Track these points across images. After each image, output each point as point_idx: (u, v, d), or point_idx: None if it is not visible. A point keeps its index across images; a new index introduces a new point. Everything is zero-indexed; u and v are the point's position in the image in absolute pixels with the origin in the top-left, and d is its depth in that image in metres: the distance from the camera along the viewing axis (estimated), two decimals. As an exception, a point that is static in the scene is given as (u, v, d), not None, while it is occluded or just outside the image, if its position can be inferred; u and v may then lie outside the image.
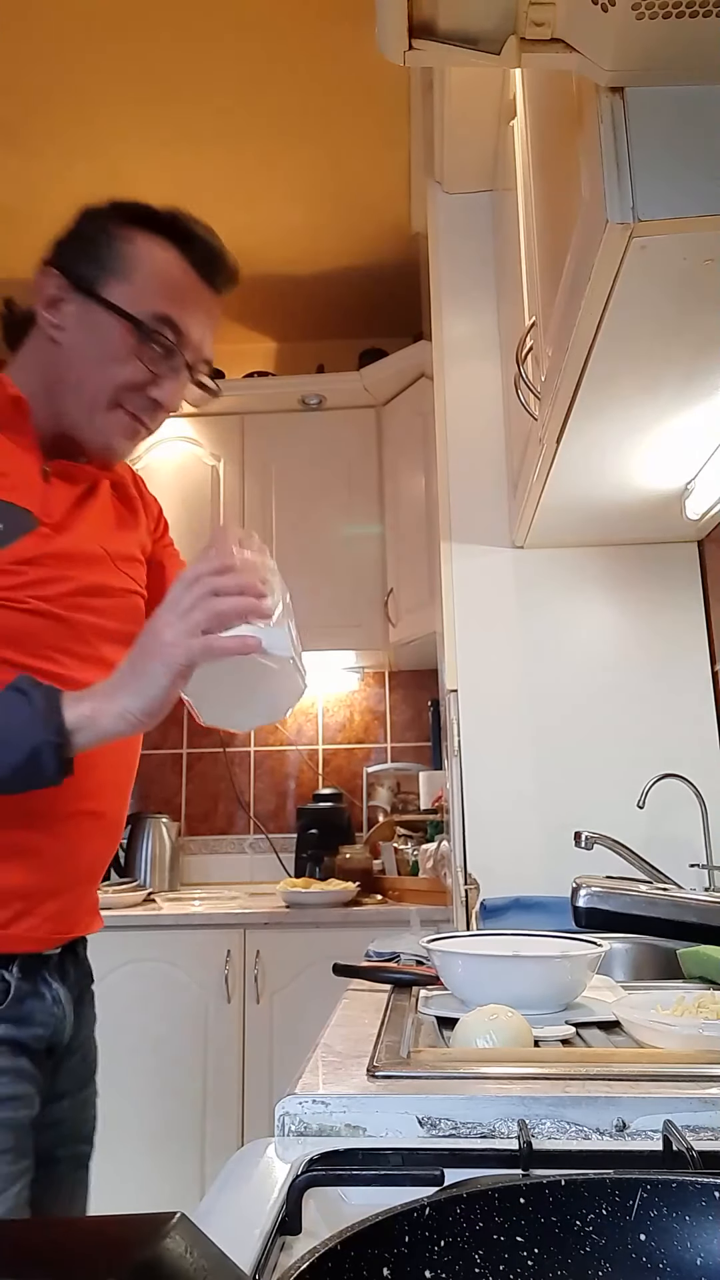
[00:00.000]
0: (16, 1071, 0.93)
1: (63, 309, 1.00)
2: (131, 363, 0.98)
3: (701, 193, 0.82)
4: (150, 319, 0.97)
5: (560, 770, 1.82)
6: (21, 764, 0.81)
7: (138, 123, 2.46)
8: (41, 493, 0.99)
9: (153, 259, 0.99)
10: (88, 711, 0.83)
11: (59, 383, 1.00)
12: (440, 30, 0.78)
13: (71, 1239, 0.39)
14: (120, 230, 1.00)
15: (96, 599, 1.02)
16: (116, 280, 0.98)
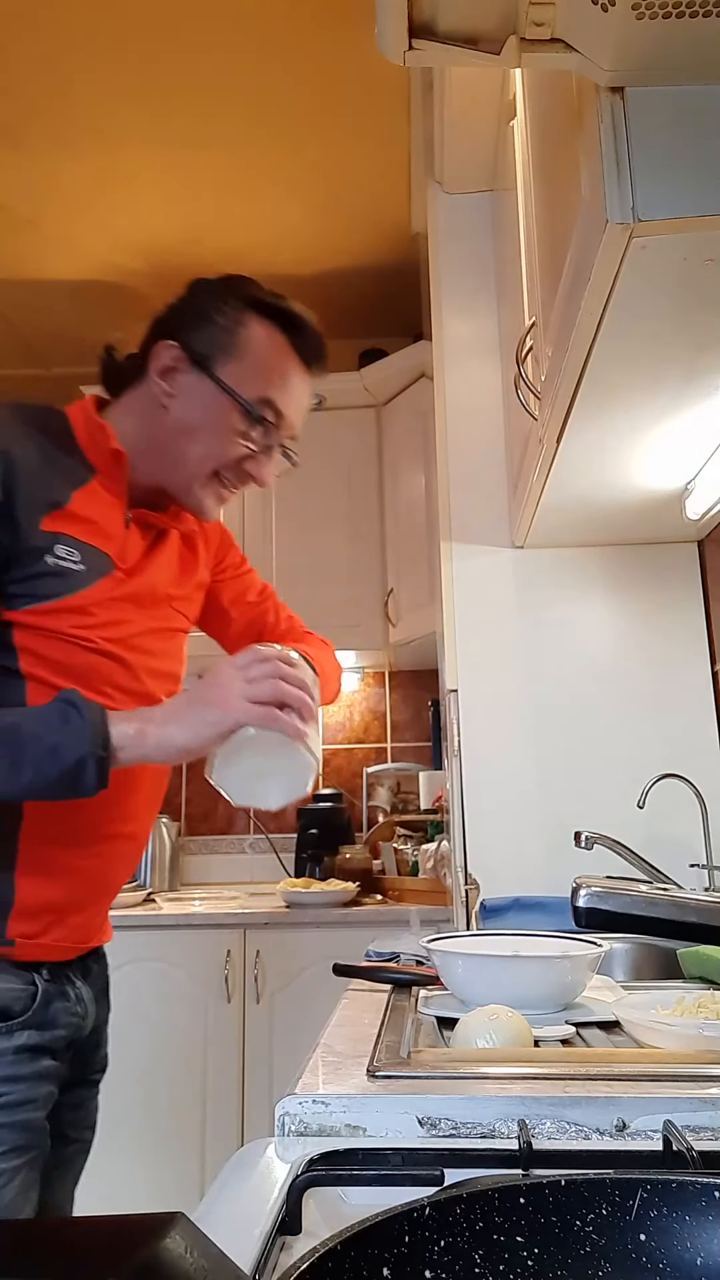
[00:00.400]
0: (37, 1075, 0.98)
1: (176, 379, 1.06)
2: (234, 440, 1.05)
3: (701, 193, 0.82)
4: (256, 402, 1.05)
5: (560, 770, 1.81)
6: (65, 773, 0.85)
7: (138, 123, 2.46)
8: (121, 539, 1.06)
9: (263, 345, 1.06)
10: (133, 731, 0.88)
11: (162, 446, 1.07)
12: (440, 30, 0.78)
13: (71, 1239, 0.39)
14: (237, 313, 1.06)
15: (153, 640, 1.09)
16: (230, 360, 1.05)
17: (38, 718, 0.88)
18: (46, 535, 0.97)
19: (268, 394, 1.05)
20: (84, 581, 0.99)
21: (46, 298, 3.21)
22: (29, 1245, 0.37)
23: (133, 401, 1.09)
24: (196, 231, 2.90)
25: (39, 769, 0.85)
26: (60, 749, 0.85)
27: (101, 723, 0.87)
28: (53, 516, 0.98)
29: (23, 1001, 0.98)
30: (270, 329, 1.07)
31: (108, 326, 3.40)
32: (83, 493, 1.02)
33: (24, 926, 0.98)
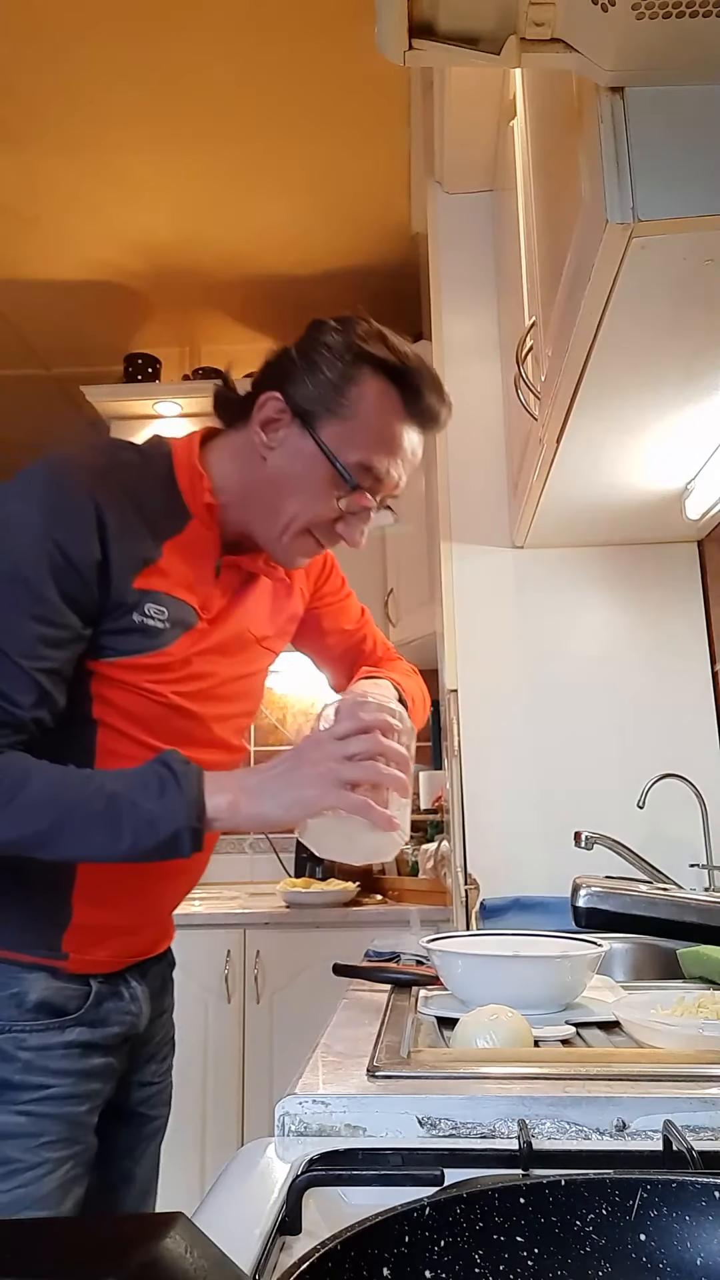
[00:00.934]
0: (85, 1073, 1.00)
1: (277, 433, 1.01)
2: (327, 502, 1.01)
3: (701, 193, 0.82)
4: (356, 468, 0.99)
5: (560, 770, 1.81)
6: (161, 844, 0.87)
7: (138, 123, 2.46)
8: (209, 588, 1.04)
9: (374, 408, 0.99)
10: (227, 804, 0.88)
11: (257, 497, 1.03)
12: (440, 30, 0.78)
13: (71, 1239, 0.39)
14: (352, 370, 0.99)
15: (228, 687, 1.08)
16: (335, 420, 0.99)
17: (137, 784, 0.88)
18: (138, 593, 0.96)
19: (370, 460, 0.99)
20: (168, 639, 0.99)
21: (46, 298, 3.21)
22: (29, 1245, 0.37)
23: (236, 444, 1.05)
24: (196, 231, 2.90)
25: (137, 838, 0.86)
26: (157, 822, 0.86)
27: (198, 794, 0.87)
28: (145, 574, 0.97)
29: (76, 1001, 1.00)
30: (384, 388, 0.99)
31: (108, 326, 3.41)
32: (175, 543, 1.00)
33: (78, 943, 1.00)
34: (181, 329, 3.50)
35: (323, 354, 1.00)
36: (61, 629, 0.92)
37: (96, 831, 0.86)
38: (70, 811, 0.86)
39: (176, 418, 3.27)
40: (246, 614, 1.09)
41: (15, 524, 0.91)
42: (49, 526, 0.91)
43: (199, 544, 1.02)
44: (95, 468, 0.97)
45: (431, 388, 1.01)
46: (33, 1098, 0.95)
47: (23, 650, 0.89)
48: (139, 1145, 1.14)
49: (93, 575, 0.92)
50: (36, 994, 0.97)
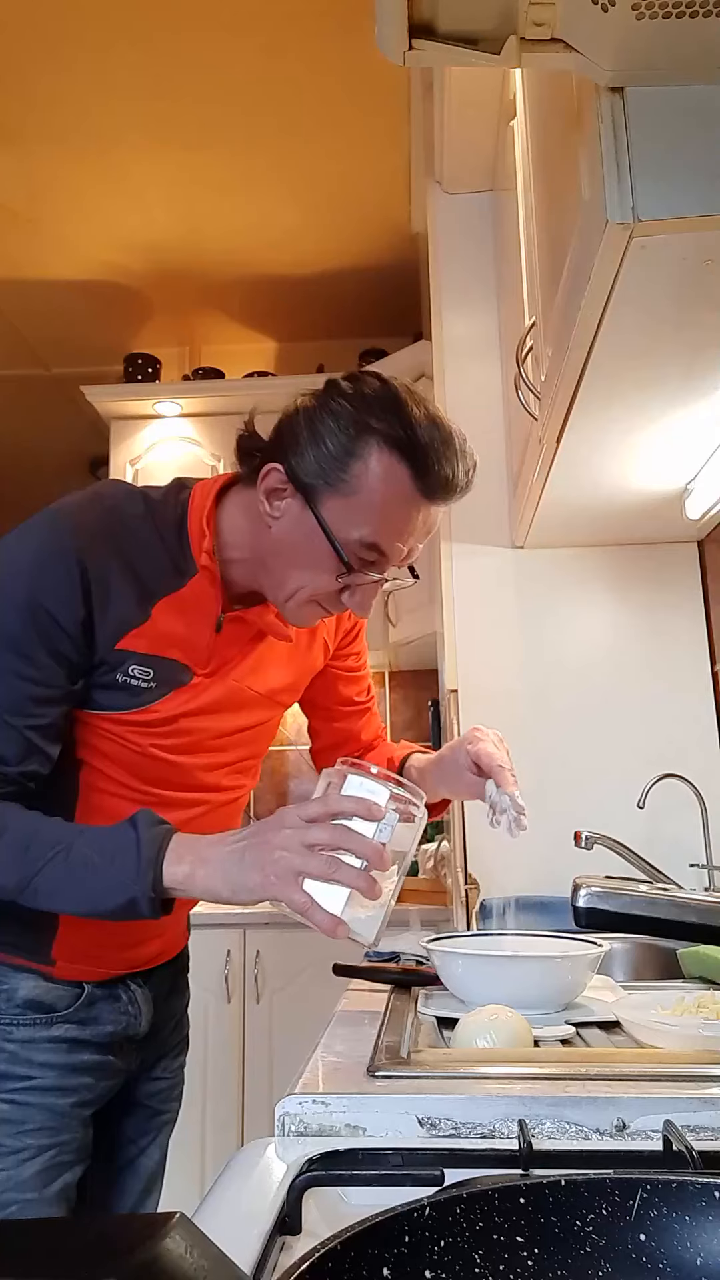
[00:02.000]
0: (72, 1067, 1.01)
1: (281, 503, 0.97)
2: (329, 576, 0.96)
3: (701, 193, 0.82)
4: (357, 545, 0.94)
5: (560, 770, 1.81)
6: (119, 908, 0.86)
7: (138, 123, 2.46)
8: (208, 645, 1.01)
9: (378, 484, 0.93)
10: (182, 875, 0.85)
11: (263, 561, 1.00)
12: (440, 30, 0.78)
13: (71, 1239, 0.39)
14: (356, 445, 0.93)
15: (221, 740, 1.06)
16: (337, 496, 0.94)
17: (100, 847, 0.87)
18: (119, 654, 0.95)
19: (373, 538, 0.94)
20: (153, 698, 0.98)
21: (46, 298, 3.21)
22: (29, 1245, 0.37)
23: (249, 501, 1.01)
24: (196, 231, 2.91)
25: (95, 902, 0.87)
26: (113, 889, 0.85)
27: (155, 862, 0.85)
28: (129, 637, 0.96)
29: (65, 1000, 1.02)
30: (393, 464, 0.92)
31: (108, 326, 3.41)
32: (172, 600, 0.98)
33: (66, 953, 1.01)
34: (181, 329, 3.50)
35: (327, 423, 0.94)
36: (50, 687, 0.92)
37: (62, 890, 0.87)
38: (36, 870, 0.86)
39: (176, 418, 3.27)
40: (253, 669, 1.07)
41: (4, 586, 0.92)
42: (35, 589, 0.91)
43: (200, 599, 1.00)
44: (88, 526, 0.95)
45: (447, 457, 0.94)
46: (16, 1087, 0.98)
47: (11, 708, 0.90)
48: (145, 1135, 1.17)
49: (78, 633, 0.93)
50: (25, 992, 1.00)
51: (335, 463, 0.93)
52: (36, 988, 1.00)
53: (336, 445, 0.93)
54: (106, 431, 3.32)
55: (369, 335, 3.38)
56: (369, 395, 0.94)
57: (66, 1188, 1.00)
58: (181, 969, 1.23)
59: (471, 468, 0.97)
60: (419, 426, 0.93)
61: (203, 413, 3.25)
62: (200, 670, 1.01)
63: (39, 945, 1.00)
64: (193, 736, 1.03)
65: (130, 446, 3.27)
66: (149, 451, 3.24)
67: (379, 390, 0.95)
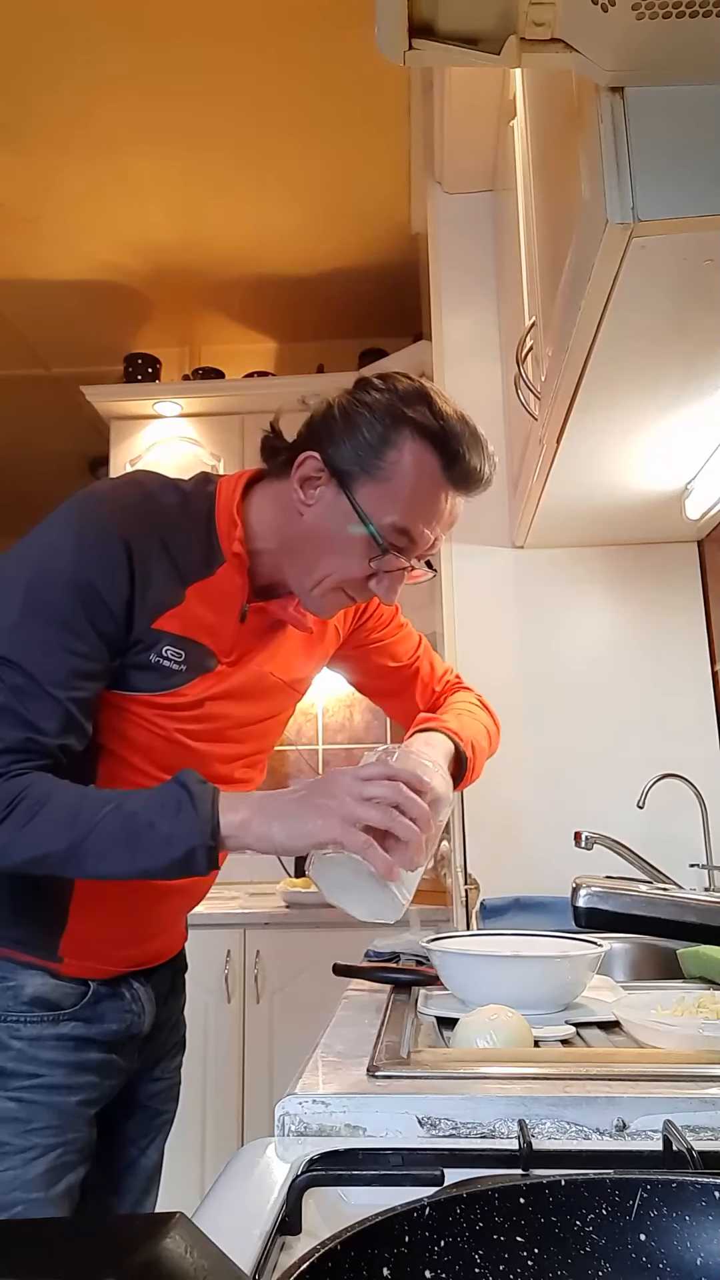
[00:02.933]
0: (78, 1065, 1.02)
1: (314, 490, 1.01)
2: (360, 562, 1.00)
3: (701, 193, 0.82)
4: (390, 530, 0.99)
5: (560, 770, 1.81)
6: (176, 860, 0.88)
7: (138, 123, 2.46)
8: (233, 633, 1.04)
9: (411, 470, 0.98)
10: (239, 821, 0.88)
11: (292, 549, 1.04)
12: (440, 30, 0.78)
13: (71, 1239, 0.39)
14: (390, 433, 0.98)
15: (242, 730, 1.09)
16: (371, 482, 0.98)
17: (155, 804, 0.89)
18: (155, 633, 0.98)
19: (404, 523, 0.98)
20: (182, 680, 1.00)
21: (46, 298, 3.21)
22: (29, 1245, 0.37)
23: (278, 493, 1.05)
24: (196, 231, 2.91)
25: (153, 855, 0.88)
26: (173, 839, 0.87)
27: (212, 812, 0.88)
28: (165, 617, 0.99)
29: (71, 998, 1.03)
30: (424, 453, 0.98)
31: (108, 326, 3.41)
32: (201, 587, 1.01)
33: (74, 949, 1.02)
34: (181, 329, 3.50)
35: (363, 414, 0.99)
36: (93, 661, 0.95)
37: (114, 850, 0.88)
38: (88, 831, 0.88)
39: (176, 418, 3.27)
40: (272, 658, 1.10)
41: (51, 561, 0.95)
42: (81, 563, 0.94)
43: (227, 588, 1.03)
44: (129, 507, 0.99)
45: (474, 450, 0.99)
46: (23, 1085, 0.99)
47: (55, 680, 0.92)
48: (145, 1135, 1.18)
49: (122, 612, 0.95)
50: (32, 989, 1.00)
51: (371, 450, 0.98)
52: (43, 985, 1.01)
53: (372, 434, 0.98)
54: (106, 431, 3.32)
55: (369, 335, 3.38)
56: (401, 390, 1.00)
57: (71, 1188, 1.00)
58: (181, 969, 1.24)
59: (494, 464, 1.02)
60: (450, 419, 0.98)
61: (203, 413, 3.25)
62: (224, 659, 1.04)
63: (47, 941, 1.01)
64: (217, 723, 1.05)
65: (130, 446, 3.27)
66: (149, 451, 3.24)
67: (410, 385, 1.01)
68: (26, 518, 1.02)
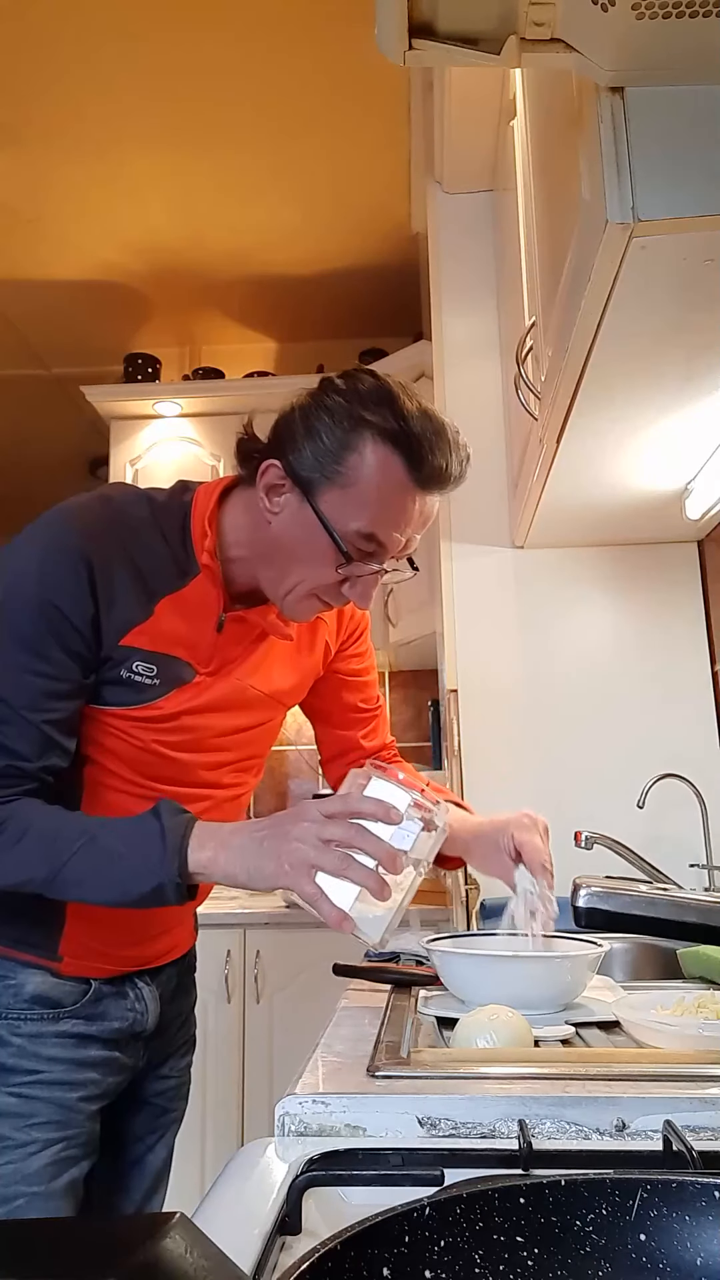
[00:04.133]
0: (79, 1062, 1.03)
1: (279, 499, 0.99)
2: (329, 569, 0.98)
3: (701, 193, 0.83)
4: (355, 536, 0.97)
5: (560, 770, 1.81)
6: (147, 895, 0.89)
7: (138, 123, 2.46)
8: (210, 644, 1.03)
9: (374, 475, 0.95)
10: (207, 859, 0.88)
11: (264, 558, 1.02)
12: (440, 30, 0.78)
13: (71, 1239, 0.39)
14: (351, 436, 0.95)
15: (223, 739, 1.07)
16: (334, 489, 0.96)
17: (126, 836, 0.90)
18: (124, 650, 0.98)
19: (370, 529, 0.96)
20: (156, 694, 1.00)
21: (46, 298, 3.21)
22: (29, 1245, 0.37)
23: (249, 500, 1.03)
24: (196, 232, 2.90)
25: (124, 889, 0.89)
26: (141, 875, 0.88)
27: (180, 848, 0.88)
28: (133, 633, 0.98)
29: (72, 996, 1.03)
30: (387, 456, 0.95)
31: (108, 326, 3.41)
32: (175, 599, 1.00)
33: (73, 949, 1.03)
34: (181, 329, 3.50)
35: (323, 419, 0.96)
36: (64, 681, 0.95)
37: (88, 882, 0.90)
38: (64, 862, 0.89)
39: (176, 418, 3.27)
40: (254, 669, 1.08)
41: (14, 586, 0.95)
42: (44, 587, 0.94)
43: (202, 599, 1.02)
44: (93, 524, 0.98)
45: (440, 448, 0.96)
46: (24, 1081, 0.99)
47: (28, 704, 0.93)
48: (153, 1133, 1.18)
49: (89, 630, 0.95)
50: (33, 987, 1.01)
51: (331, 456, 0.96)
52: (44, 983, 1.01)
53: (332, 439, 0.96)
54: (106, 431, 3.31)
55: (369, 335, 3.37)
56: (362, 390, 0.97)
57: (74, 1182, 1.01)
58: (189, 968, 1.24)
59: (465, 459, 1.00)
60: (411, 419, 0.95)
61: (203, 413, 3.25)
62: (203, 669, 1.03)
63: (46, 941, 1.01)
64: (195, 734, 1.04)
65: (130, 446, 3.27)
66: (149, 451, 3.24)
67: (372, 385, 0.97)
68: (26, 518, 1.01)
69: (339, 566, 0.98)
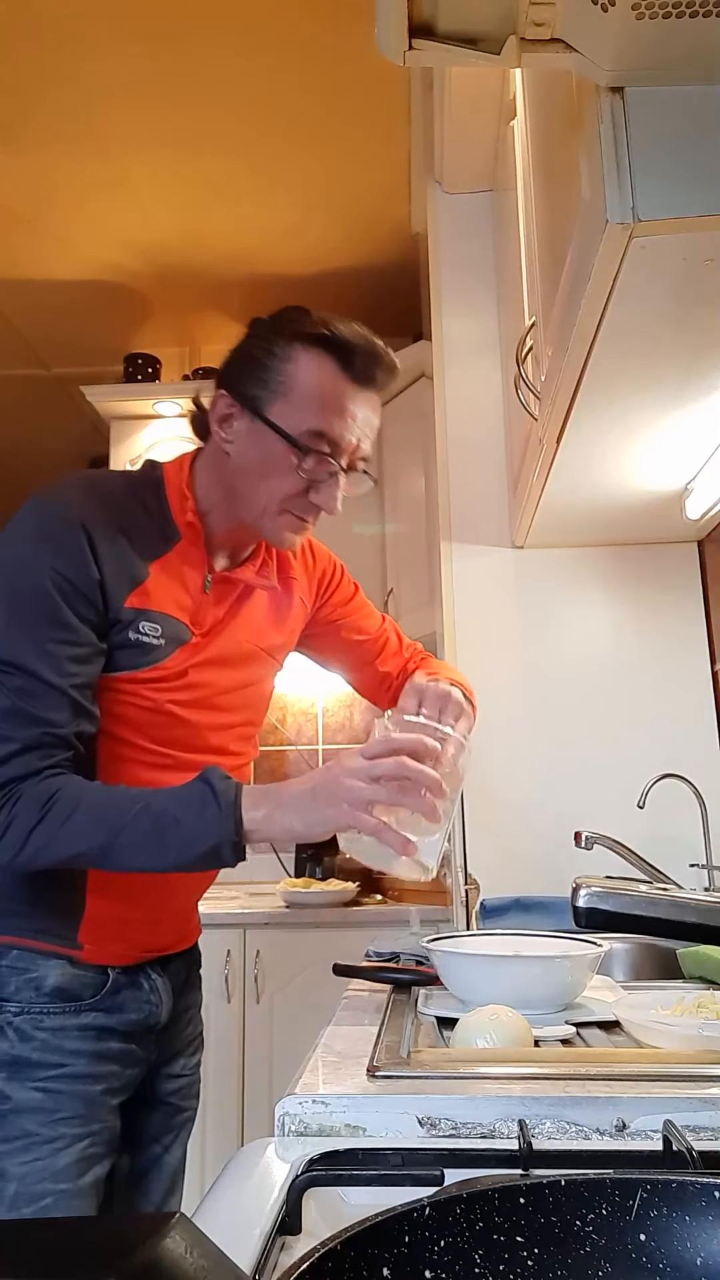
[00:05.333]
0: (98, 1054, 1.04)
1: (233, 426, 1.07)
2: (291, 475, 1.04)
3: (701, 193, 0.82)
4: (306, 436, 1.03)
5: (560, 770, 1.81)
6: (203, 855, 0.92)
7: (139, 123, 2.46)
8: (199, 604, 1.09)
9: (310, 376, 1.04)
10: (261, 816, 0.93)
11: (232, 491, 1.09)
12: (440, 30, 0.78)
13: (71, 1239, 0.39)
14: (282, 349, 1.04)
15: (226, 697, 1.12)
16: (278, 399, 1.04)
17: (181, 802, 0.94)
18: (131, 611, 1.02)
19: (316, 425, 1.03)
20: (163, 654, 1.04)
21: (46, 298, 3.21)
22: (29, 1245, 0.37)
23: (208, 453, 1.12)
24: (196, 232, 2.90)
25: (181, 852, 0.92)
26: (200, 837, 0.92)
27: (235, 807, 0.92)
28: (136, 593, 1.03)
29: (91, 988, 1.05)
30: (318, 358, 1.04)
31: (108, 326, 3.40)
32: (162, 563, 1.06)
33: (93, 935, 1.05)
34: (181, 329, 3.50)
35: (257, 343, 1.06)
36: (83, 646, 0.99)
37: (144, 847, 0.93)
38: (119, 831, 0.92)
39: (176, 418, 3.27)
40: (243, 625, 1.14)
41: (19, 562, 0.99)
42: (48, 557, 0.98)
43: (187, 561, 1.08)
44: (77, 495, 1.04)
45: (364, 345, 1.04)
46: (49, 1075, 1.00)
47: (55, 672, 0.96)
48: (169, 1133, 1.19)
49: (96, 594, 0.99)
50: (54, 980, 1.02)
51: (269, 371, 1.05)
52: (64, 975, 1.03)
53: (267, 357, 1.05)
54: (106, 431, 3.31)
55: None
56: (286, 314, 1.07)
57: (98, 1180, 1.02)
58: (195, 962, 1.27)
59: (390, 354, 1.07)
60: (333, 325, 1.04)
61: (203, 413, 3.25)
62: (197, 630, 1.08)
63: (67, 928, 1.03)
64: (202, 691, 1.08)
65: (130, 446, 3.27)
66: (149, 451, 3.24)
67: (293, 308, 1.08)
68: (26, 518, 1.03)
69: (300, 469, 1.04)
